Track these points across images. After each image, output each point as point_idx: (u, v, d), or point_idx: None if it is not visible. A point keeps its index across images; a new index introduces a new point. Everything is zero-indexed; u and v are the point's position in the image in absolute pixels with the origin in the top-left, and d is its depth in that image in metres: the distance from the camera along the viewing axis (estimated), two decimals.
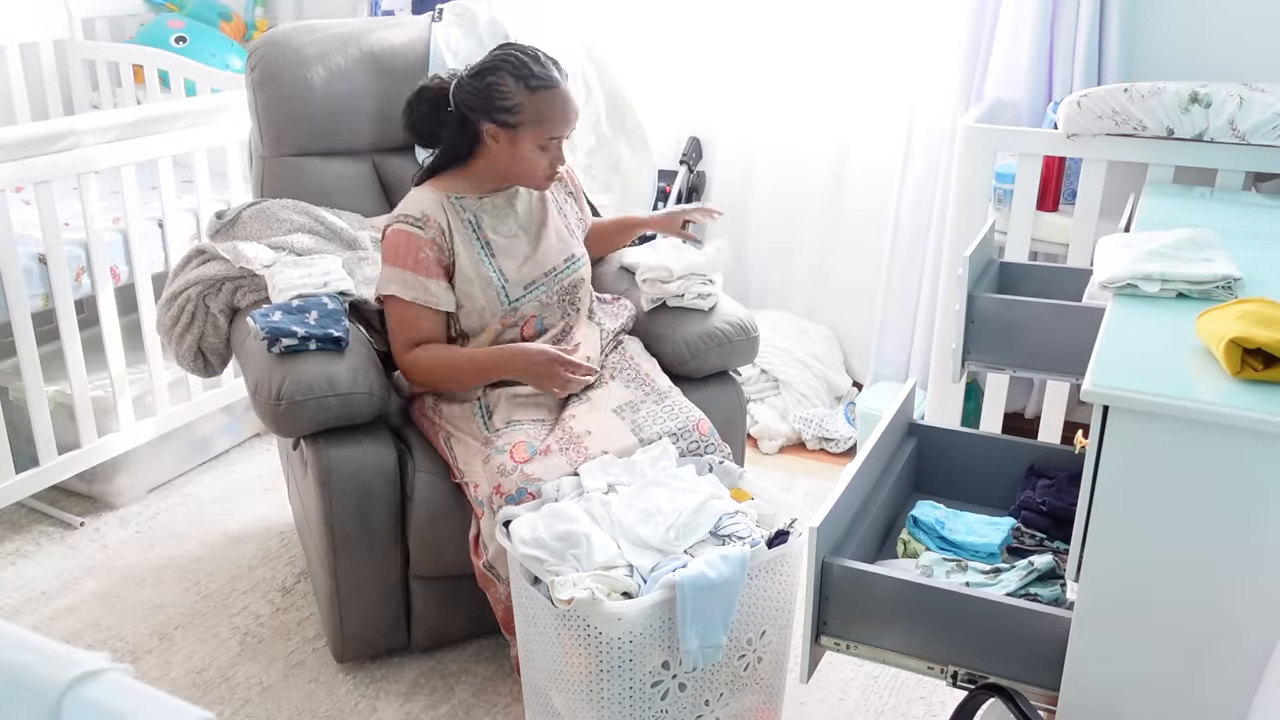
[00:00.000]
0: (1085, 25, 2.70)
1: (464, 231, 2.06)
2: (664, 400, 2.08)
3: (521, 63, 2.00)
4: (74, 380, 2.59)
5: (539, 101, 1.99)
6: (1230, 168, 2.31)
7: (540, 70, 2.00)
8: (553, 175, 2.08)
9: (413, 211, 2.04)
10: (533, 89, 1.99)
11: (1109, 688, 1.37)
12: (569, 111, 2.03)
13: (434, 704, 2.10)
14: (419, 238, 2.02)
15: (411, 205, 2.06)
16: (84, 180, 2.52)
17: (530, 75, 1.99)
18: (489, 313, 2.07)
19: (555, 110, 2.00)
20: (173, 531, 2.68)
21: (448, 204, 2.07)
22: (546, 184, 2.11)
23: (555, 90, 2.00)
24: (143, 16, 3.75)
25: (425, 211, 2.04)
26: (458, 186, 2.10)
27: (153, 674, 2.17)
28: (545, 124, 2.00)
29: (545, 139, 2.01)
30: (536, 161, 2.04)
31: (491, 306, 2.07)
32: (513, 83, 1.99)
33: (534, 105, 1.99)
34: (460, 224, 2.06)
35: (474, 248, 2.07)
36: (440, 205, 2.06)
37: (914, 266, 3.13)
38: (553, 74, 2.01)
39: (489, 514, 1.90)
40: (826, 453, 3.15)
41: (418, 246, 2.02)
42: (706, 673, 1.72)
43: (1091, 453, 1.31)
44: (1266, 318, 1.33)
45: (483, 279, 2.06)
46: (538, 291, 2.11)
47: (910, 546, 1.71)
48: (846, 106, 3.24)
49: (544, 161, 2.04)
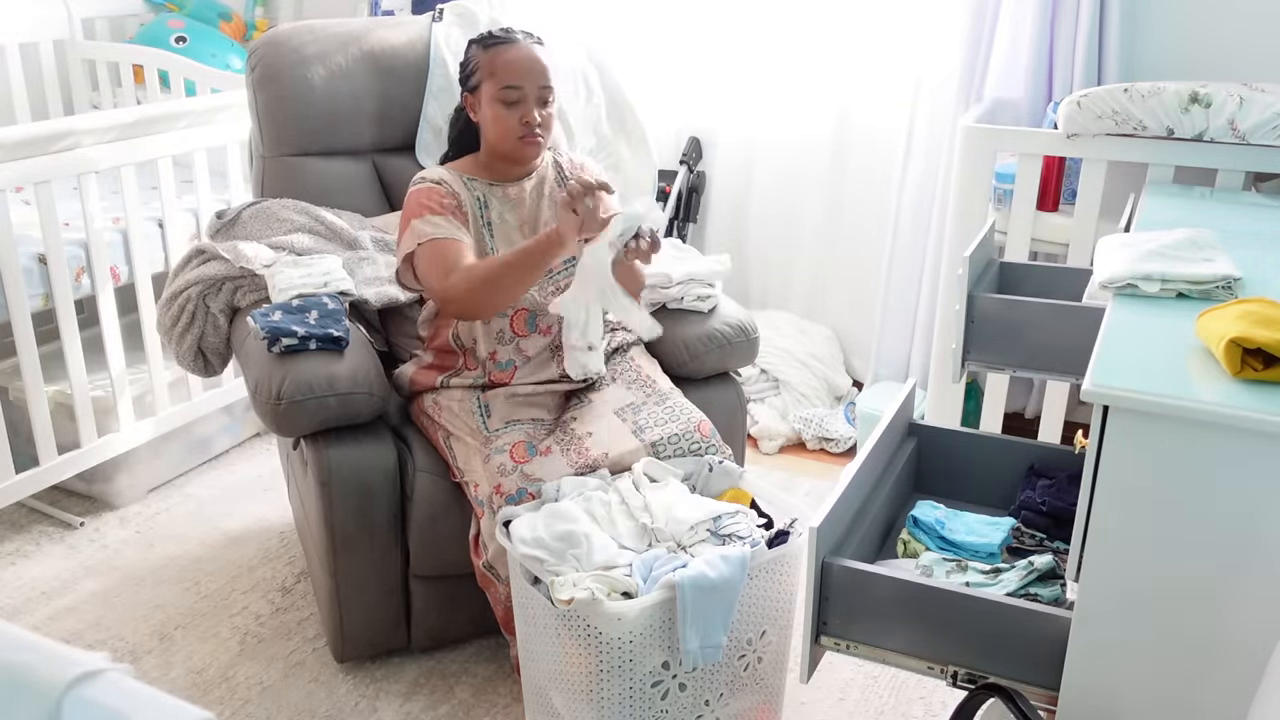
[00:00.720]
0: (1085, 25, 2.70)
1: (472, 208, 2.09)
2: (665, 401, 2.08)
3: (487, 33, 2.10)
4: (74, 380, 2.59)
5: (491, 55, 2.04)
6: (1230, 168, 2.31)
7: (499, 32, 2.07)
8: (530, 136, 2.04)
9: (430, 175, 2.10)
10: (486, 46, 2.06)
11: (1109, 688, 1.37)
12: (523, 62, 2.03)
13: (434, 704, 2.10)
14: (438, 189, 2.06)
15: (427, 172, 2.12)
16: (84, 180, 2.52)
17: (487, 37, 2.08)
18: None
19: (504, 60, 2.03)
20: (173, 531, 2.68)
21: (460, 179, 2.10)
22: (525, 148, 2.06)
23: (509, 44, 2.05)
24: (143, 16, 3.75)
25: (443, 177, 2.09)
26: (471, 170, 2.13)
27: (153, 674, 2.17)
28: (498, 74, 2.02)
29: (500, 88, 2.01)
30: (504, 119, 2.03)
31: None
32: (474, 49, 2.08)
33: (487, 59, 2.04)
34: (470, 199, 2.09)
35: (478, 225, 2.09)
36: (453, 176, 2.10)
37: (914, 266, 3.13)
38: (512, 35, 2.07)
39: (489, 514, 1.90)
40: (826, 453, 3.15)
41: (440, 195, 2.05)
42: (706, 673, 1.72)
43: (1091, 453, 1.31)
44: (1266, 318, 1.33)
45: (482, 250, 2.07)
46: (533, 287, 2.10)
47: (910, 546, 1.71)
48: (847, 107, 3.24)
49: (512, 118, 2.02)
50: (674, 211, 3.41)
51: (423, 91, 2.57)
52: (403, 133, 2.59)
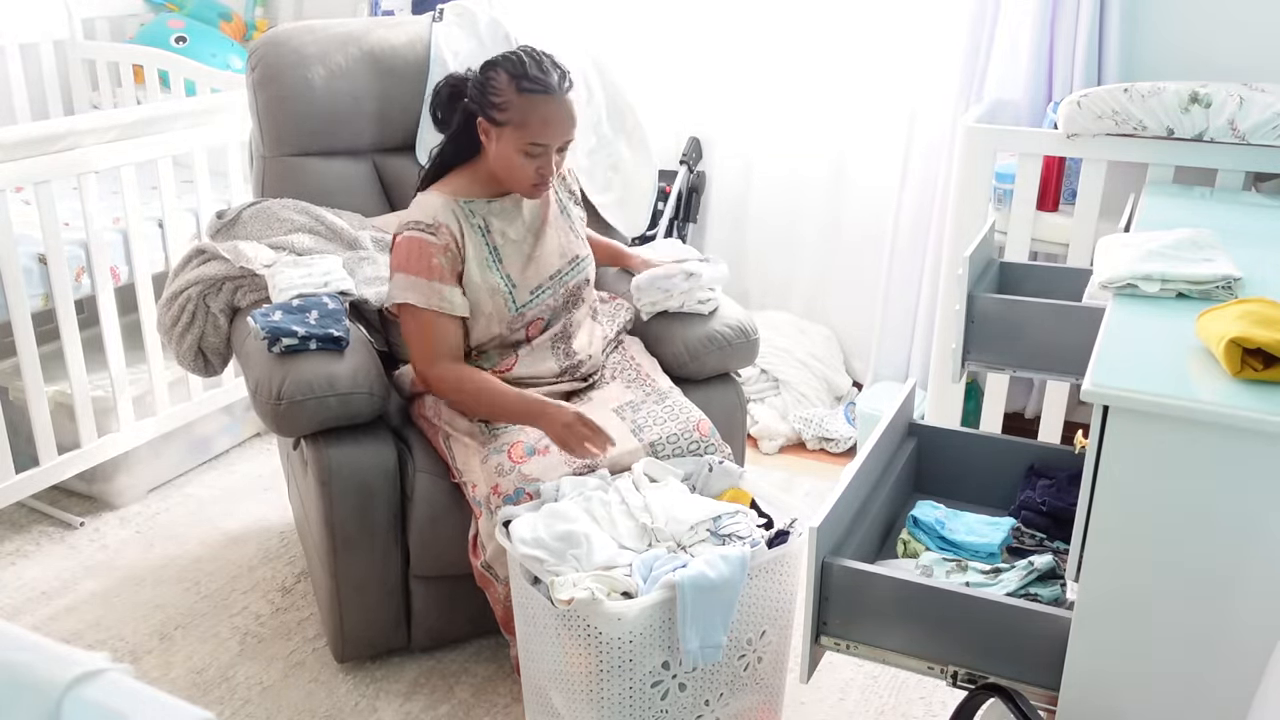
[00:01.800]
0: (1085, 25, 2.70)
1: (475, 237, 2.03)
2: (664, 400, 2.08)
3: (520, 62, 1.96)
4: (74, 380, 2.59)
5: (525, 104, 1.93)
6: (1230, 168, 2.31)
7: (535, 73, 1.94)
8: (541, 185, 2.00)
9: (424, 218, 2.00)
10: (521, 90, 1.93)
11: (1109, 688, 1.37)
12: (558, 122, 1.95)
13: (434, 704, 2.10)
14: (431, 244, 1.98)
15: (422, 212, 2.02)
16: (84, 180, 2.52)
17: (524, 76, 1.94)
18: (496, 319, 2.06)
19: (540, 116, 1.93)
20: (173, 531, 2.68)
21: (458, 209, 2.02)
22: (532, 192, 2.03)
23: (545, 96, 1.93)
24: (143, 16, 3.75)
25: (437, 218, 2.00)
26: (466, 189, 2.05)
27: (153, 674, 2.17)
28: (528, 128, 1.93)
29: (527, 144, 1.94)
30: (520, 166, 1.97)
31: (499, 313, 2.05)
32: (506, 80, 1.94)
33: (520, 107, 1.93)
34: (471, 230, 2.03)
35: (483, 254, 2.04)
36: (451, 211, 2.02)
37: (914, 266, 3.13)
38: (549, 80, 1.94)
39: (487, 514, 1.90)
40: (826, 453, 3.15)
41: (431, 253, 1.98)
42: (706, 673, 1.72)
43: (1091, 453, 1.31)
44: (1266, 318, 1.33)
45: (490, 287, 2.04)
46: (544, 295, 2.10)
47: (910, 546, 1.71)
48: (847, 107, 3.24)
49: (529, 168, 1.97)
50: (674, 212, 3.41)
51: (423, 91, 2.57)
52: (403, 133, 2.59)
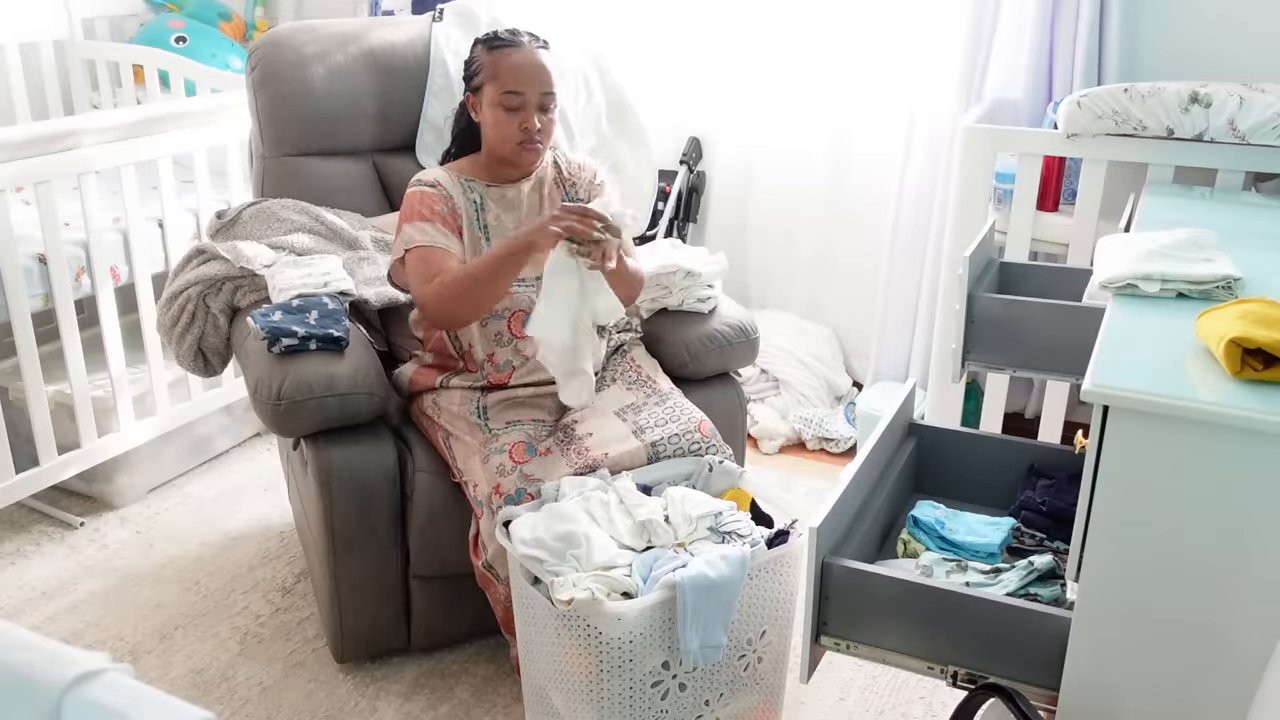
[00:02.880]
0: (1085, 25, 2.70)
1: (468, 210, 2.09)
2: (665, 402, 2.08)
3: (493, 34, 2.08)
4: (74, 380, 2.59)
5: (495, 58, 2.03)
6: (1230, 168, 2.31)
7: (505, 34, 2.06)
8: (529, 142, 2.04)
9: (426, 178, 2.10)
10: (491, 48, 2.05)
11: (1109, 688, 1.37)
12: (527, 68, 2.02)
13: (434, 704, 2.10)
14: (432, 194, 2.06)
15: (425, 174, 2.12)
16: (84, 180, 2.52)
17: (493, 38, 2.07)
18: None
19: (509, 63, 2.02)
20: (173, 531, 2.68)
21: (458, 181, 2.10)
22: (521, 153, 2.05)
23: (513, 48, 2.04)
24: (143, 16, 3.75)
25: (437, 179, 2.09)
26: (469, 170, 2.14)
27: (153, 674, 2.17)
28: (499, 79, 2.02)
29: (501, 93, 2.01)
30: (504, 123, 2.03)
31: None
32: (480, 49, 2.08)
33: (490, 62, 2.04)
34: (466, 202, 2.09)
35: (474, 230, 2.09)
36: (450, 179, 2.10)
37: (914, 267, 3.13)
38: (518, 38, 2.06)
39: (488, 514, 1.90)
40: (826, 453, 3.15)
41: (432, 201, 2.05)
42: (706, 673, 1.72)
43: (1091, 453, 1.31)
44: (1266, 318, 1.33)
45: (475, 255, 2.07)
46: (527, 287, 2.10)
47: (910, 546, 1.71)
48: (847, 106, 3.24)
49: (512, 124, 2.02)
50: (674, 211, 3.41)
51: (423, 91, 2.58)
52: (403, 133, 2.59)
